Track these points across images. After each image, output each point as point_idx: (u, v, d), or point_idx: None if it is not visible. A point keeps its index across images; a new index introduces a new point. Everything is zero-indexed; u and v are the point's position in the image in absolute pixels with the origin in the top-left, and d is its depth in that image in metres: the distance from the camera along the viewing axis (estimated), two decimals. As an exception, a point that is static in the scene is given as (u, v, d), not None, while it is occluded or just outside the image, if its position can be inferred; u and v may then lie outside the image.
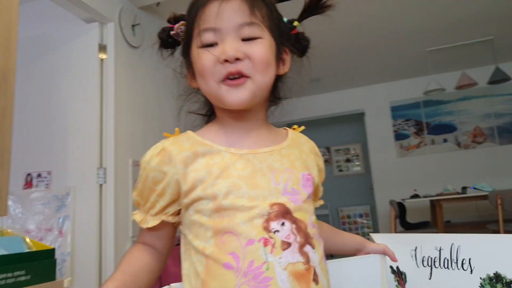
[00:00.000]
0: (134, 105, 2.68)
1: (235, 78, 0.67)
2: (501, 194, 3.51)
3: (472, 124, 5.38)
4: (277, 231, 0.64)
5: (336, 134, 7.03)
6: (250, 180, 0.67)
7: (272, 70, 0.71)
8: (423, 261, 0.86)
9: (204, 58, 0.68)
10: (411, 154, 5.60)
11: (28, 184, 2.33)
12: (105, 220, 2.29)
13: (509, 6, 3.62)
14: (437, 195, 4.30)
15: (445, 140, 5.47)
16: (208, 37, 0.68)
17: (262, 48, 0.68)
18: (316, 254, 0.67)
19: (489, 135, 5.28)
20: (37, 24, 2.61)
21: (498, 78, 4.26)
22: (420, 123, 5.61)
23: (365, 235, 2.45)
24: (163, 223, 0.71)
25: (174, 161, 0.68)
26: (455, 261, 0.80)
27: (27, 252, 0.97)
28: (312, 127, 7.74)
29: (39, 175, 2.33)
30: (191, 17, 0.72)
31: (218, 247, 0.64)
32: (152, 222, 0.70)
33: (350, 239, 0.94)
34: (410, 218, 4.74)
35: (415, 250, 0.88)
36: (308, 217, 0.69)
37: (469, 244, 0.79)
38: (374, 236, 0.98)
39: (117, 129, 2.44)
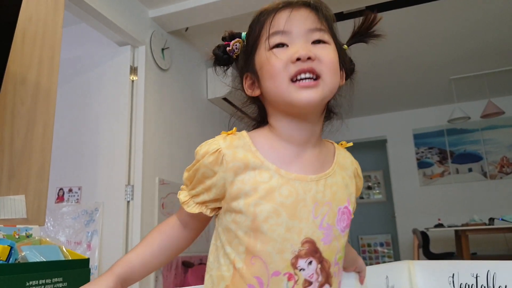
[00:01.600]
0: (161, 125, 2.75)
1: (306, 79, 0.67)
2: (531, 226, 3.39)
3: (499, 154, 5.24)
4: (303, 269, 0.66)
5: (358, 160, 6.85)
6: (291, 209, 0.67)
7: (338, 75, 0.72)
8: (461, 288, 0.86)
9: (274, 58, 0.68)
10: (434, 183, 5.48)
11: (60, 198, 2.40)
12: (131, 236, 2.32)
13: (537, 35, 3.60)
14: (463, 225, 4.17)
15: (470, 170, 5.34)
16: (277, 39, 0.69)
17: (331, 52, 0.70)
18: None
19: (517, 165, 5.15)
20: (74, 46, 2.73)
21: (525, 107, 4.18)
22: (444, 151, 5.52)
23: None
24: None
25: (226, 166, 0.68)
26: (492, 288, 0.79)
27: (64, 260, 1.00)
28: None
29: (70, 190, 2.40)
30: (259, 24, 0.73)
31: (247, 265, 0.66)
32: (193, 208, 0.73)
33: (350, 254, 0.96)
34: (434, 248, 4.60)
35: (453, 277, 0.88)
36: (334, 256, 0.71)
37: (505, 270, 0.80)
38: (411, 262, 0.97)
39: (145, 148, 2.50)
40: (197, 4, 2.65)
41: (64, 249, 1.04)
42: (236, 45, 0.77)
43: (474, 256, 4.39)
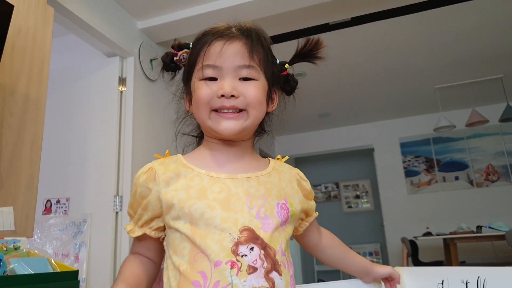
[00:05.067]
0: (150, 136, 2.74)
1: (229, 112, 0.74)
2: (518, 234, 3.42)
3: (485, 162, 5.32)
4: (245, 255, 0.67)
5: (345, 170, 7.00)
6: (224, 203, 0.71)
7: (264, 108, 0.79)
8: (450, 294, 0.86)
9: (202, 90, 0.75)
10: (422, 191, 5.53)
11: (47, 210, 2.36)
12: (120, 247, 2.30)
13: (518, 45, 3.69)
14: (451, 233, 4.20)
15: (456, 178, 5.41)
16: (209, 72, 0.75)
17: (256, 90, 0.76)
18: (282, 281, 0.68)
19: (503, 173, 5.21)
20: (62, 57, 2.72)
21: (509, 115, 4.23)
22: (431, 160, 5.58)
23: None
24: (149, 236, 0.76)
25: (158, 179, 0.73)
26: (482, 295, 0.80)
27: (53, 273, 0.99)
28: (321, 162, 7.72)
29: (58, 202, 2.37)
30: (196, 51, 0.79)
31: (191, 264, 0.68)
32: (137, 232, 0.76)
33: (358, 263, 0.94)
34: (423, 257, 4.63)
35: (442, 284, 0.88)
36: (278, 245, 0.71)
37: (495, 277, 0.80)
38: (400, 269, 0.98)
39: (134, 159, 2.49)
40: (185, 16, 2.67)
41: (52, 261, 1.03)
42: (183, 55, 0.83)
43: (462, 265, 4.42)
